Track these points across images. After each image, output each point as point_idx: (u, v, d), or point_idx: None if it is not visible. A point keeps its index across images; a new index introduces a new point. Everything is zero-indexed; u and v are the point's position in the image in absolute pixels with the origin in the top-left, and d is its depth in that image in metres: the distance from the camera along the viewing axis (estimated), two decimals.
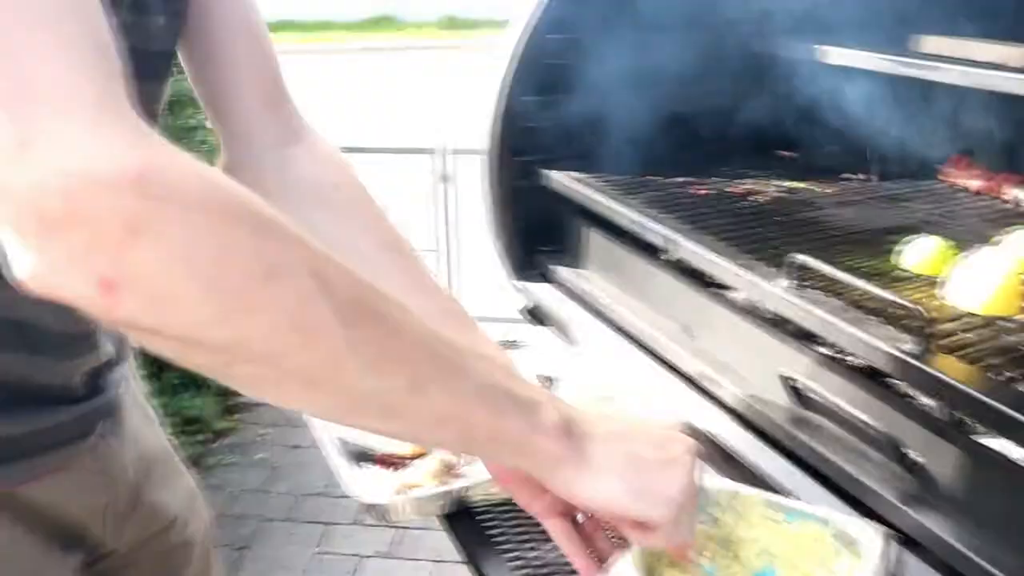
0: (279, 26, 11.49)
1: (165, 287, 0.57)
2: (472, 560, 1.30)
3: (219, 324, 0.59)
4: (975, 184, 1.83)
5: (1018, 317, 1.26)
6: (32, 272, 0.56)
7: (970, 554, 1.02)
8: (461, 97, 10.83)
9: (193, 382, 3.69)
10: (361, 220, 1.17)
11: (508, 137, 1.83)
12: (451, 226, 4.41)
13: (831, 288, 1.29)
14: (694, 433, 1.10)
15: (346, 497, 3.87)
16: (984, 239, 1.55)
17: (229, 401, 4.08)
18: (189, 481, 1.36)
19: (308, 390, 0.66)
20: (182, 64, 1.12)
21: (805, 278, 1.30)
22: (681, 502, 0.87)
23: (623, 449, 0.83)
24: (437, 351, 0.70)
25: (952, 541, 1.04)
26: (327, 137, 1.23)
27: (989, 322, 1.24)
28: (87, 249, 0.55)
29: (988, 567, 1.00)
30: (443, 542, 3.58)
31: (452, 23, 16.60)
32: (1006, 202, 1.78)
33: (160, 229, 0.56)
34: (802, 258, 1.27)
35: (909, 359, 1.08)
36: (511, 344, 1.86)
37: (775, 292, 1.27)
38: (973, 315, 1.26)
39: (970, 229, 1.63)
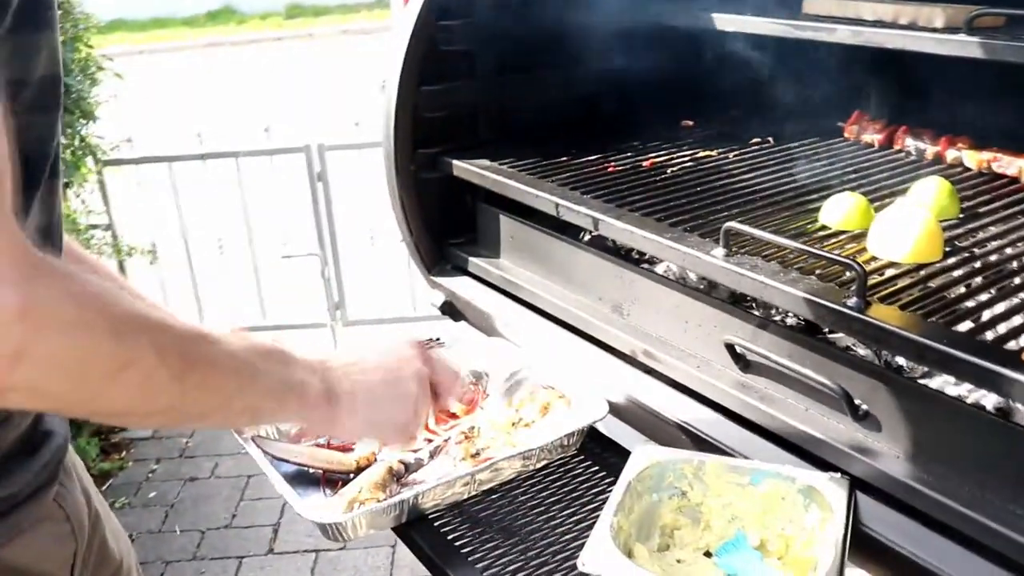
0: (110, 27, 11.03)
1: (40, 388, 0.79)
2: (438, 568, 1.32)
3: (85, 405, 0.84)
4: (876, 138, 1.97)
5: (939, 263, 1.38)
6: None
7: (925, 490, 1.12)
8: (327, 88, 10.70)
9: None
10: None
11: (409, 129, 1.85)
12: (330, 226, 4.38)
13: (763, 252, 1.38)
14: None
15: (256, 527, 3.78)
16: (895, 190, 1.69)
17: (111, 439, 3.95)
18: (117, 522, 1.37)
19: (153, 422, 1.07)
20: None
21: (738, 244, 1.38)
22: (408, 425, 1.21)
23: (364, 398, 1.13)
24: (241, 371, 0.97)
25: (908, 480, 1.14)
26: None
27: (915, 269, 1.36)
28: None
29: (944, 500, 1.10)
30: (362, 561, 3.54)
31: (298, 11, 16.32)
32: (907, 153, 1.93)
33: (39, 352, 0.76)
34: (735, 225, 1.35)
35: (855, 313, 1.17)
36: (436, 342, 1.88)
37: (713, 262, 1.35)
38: (898, 264, 1.37)
39: (880, 182, 1.76)
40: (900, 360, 1.34)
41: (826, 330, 1.40)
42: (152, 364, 0.85)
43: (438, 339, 1.91)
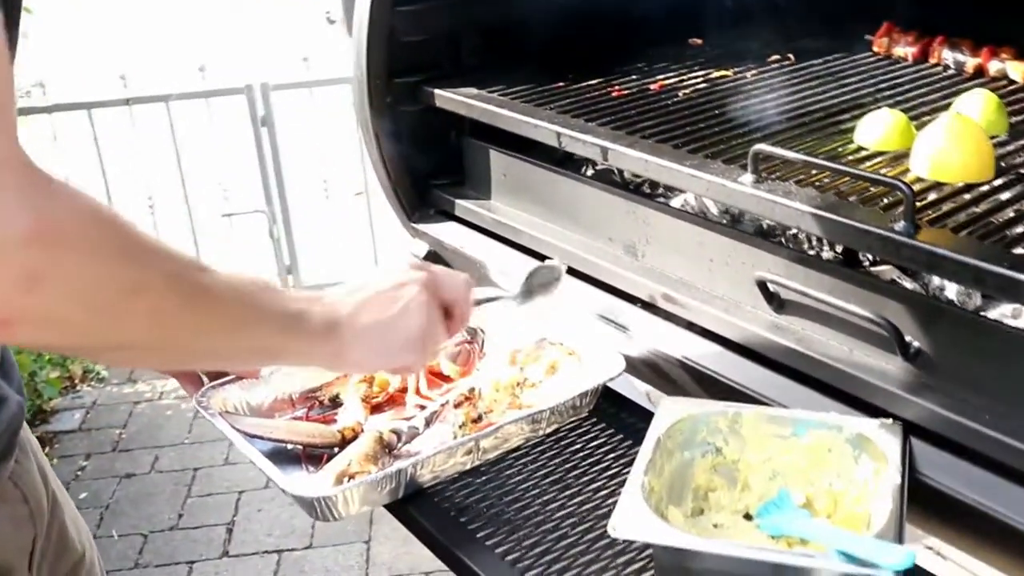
0: None
1: (54, 316, 0.84)
2: (444, 549, 1.35)
3: (96, 334, 0.89)
4: (909, 51, 2.01)
5: (987, 183, 1.43)
6: None
7: (988, 431, 1.17)
8: (268, 20, 10.54)
9: None
10: None
11: (384, 56, 1.86)
12: (277, 178, 4.37)
13: (795, 176, 1.42)
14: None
15: (206, 526, 3.78)
16: (935, 107, 1.73)
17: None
18: (76, 509, 1.39)
19: (159, 358, 1.08)
20: None
21: (767, 170, 1.42)
22: (422, 339, 1.21)
23: (368, 319, 1.16)
24: (243, 301, 1.02)
25: (968, 421, 1.19)
26: None
27: (962, 191, 1.41)
28: None
29: (1009, 441, 1.15)
30: (332, 560, 3.57)
31: None
32: (944, 66, 1.97)
33: (53, 274, 0.81)
34: (765, 148, 1.39)
35: (905, 238, 1.21)
36: None
37: (741, 189, 1.38)
38: (944, 186, 1.42)
39: (918, 98, 1.80)
40: (950, 294, 1.38)
41: (867, 262, 1.45)
42: (162, 290, 0.91)
43: None
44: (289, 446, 1.49)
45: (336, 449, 1.47)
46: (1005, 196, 1.40)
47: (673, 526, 1.18)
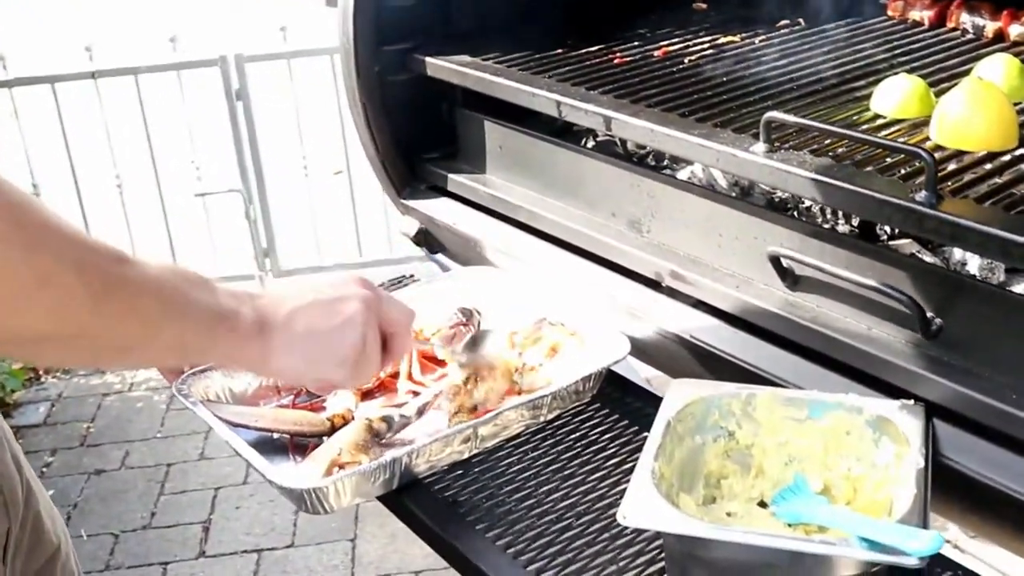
0: None
1: None
2: (442, 543, 1.36)
3: None
4: (926, 15, 2.02)
5: (1011, 152, 1.44)
6: None
7: (1015, 411, 1.18)
8: None
9: None
10: None
11: (372, 22, 1.86)
12: (254, 155, 4.36)
13: (809, 145, 1.42)
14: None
15: (181, 525, 3.76)
16: (954, 73, 1.74)
17: None
18: (50, 500, 1.39)
19: (68, 354, 1.09)
20: None
21: (780, 139, 1.42)
22: (356, 359, 1.18)
23: (302, 327, 1.14)
24: (165, 296, 1.00)
25: (994, 402, 1.20)
26: None
27: (984, 160, 1.41)
28: None
29: None
30: (315, 560, 3.57)
31: None
32: (962, 31, 1.98)
33: None
34: (778, 115, 1.39)
35: (927, 209, 1.22)
36: (409, 280, 1.90)
37: (753, 159, 1.39)
38: (965, 155, 1.43)
39: (935, 64, 1.81)
40: (972, 268, 1.39)
41: (885, 236, 1.45)
42: (71, 282, 0.90)
43: (411, 276, 1.93)
44: (275, 435, 1.49)
45: (325, 438, 1.47)
46: (1021, 169, 1.40)
47: (685, 514, 1.19)
